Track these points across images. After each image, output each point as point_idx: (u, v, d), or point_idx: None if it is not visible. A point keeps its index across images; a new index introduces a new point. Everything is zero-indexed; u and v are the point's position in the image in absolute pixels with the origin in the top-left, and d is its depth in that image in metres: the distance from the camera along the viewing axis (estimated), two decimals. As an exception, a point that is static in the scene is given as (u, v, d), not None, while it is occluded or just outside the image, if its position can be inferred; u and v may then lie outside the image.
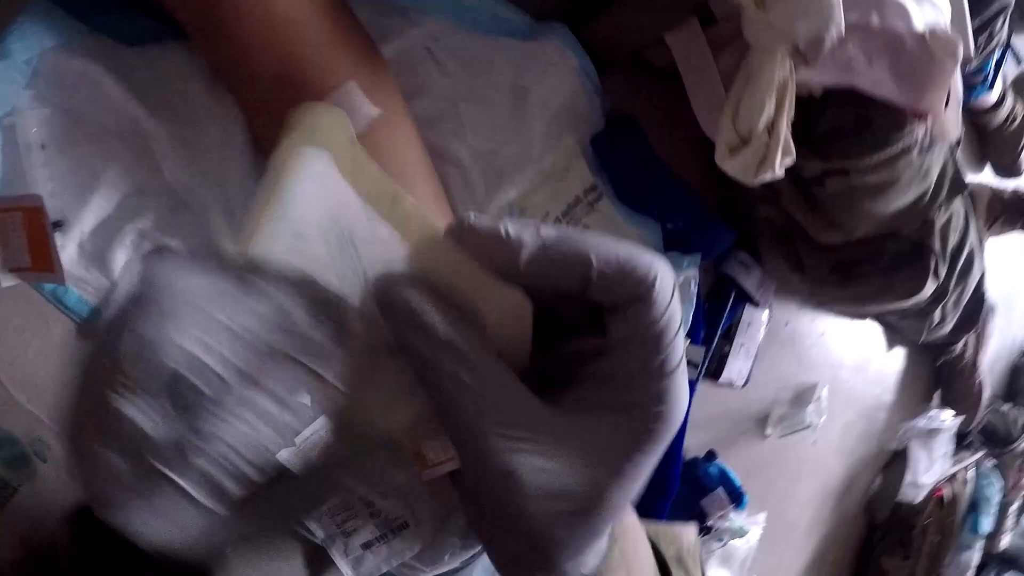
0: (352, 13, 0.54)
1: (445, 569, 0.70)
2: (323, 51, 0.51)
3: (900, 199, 0.75)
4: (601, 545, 0.33)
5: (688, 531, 0.47)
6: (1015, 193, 1.44)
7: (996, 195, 1.42)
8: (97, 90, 0.55)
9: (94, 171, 0.55)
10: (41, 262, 0.54)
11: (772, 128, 0.57)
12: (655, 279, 0.27)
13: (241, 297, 0.25)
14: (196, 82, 0.57)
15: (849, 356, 1.17)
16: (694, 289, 0.76)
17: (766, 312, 0.93)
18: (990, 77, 1.26)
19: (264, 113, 0.54)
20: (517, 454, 0.28)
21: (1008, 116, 1.45)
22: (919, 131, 0.72)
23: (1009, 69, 1.43)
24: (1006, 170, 1.52)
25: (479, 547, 0.70)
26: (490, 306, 0.26)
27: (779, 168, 0.58)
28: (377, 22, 0.58)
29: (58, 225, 0.54)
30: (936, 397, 1.46)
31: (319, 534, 0.63)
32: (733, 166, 0.57)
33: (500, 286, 0.26)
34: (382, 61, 0.56)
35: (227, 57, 0.52)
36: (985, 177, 1.52)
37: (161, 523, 0.25)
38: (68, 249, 0.55)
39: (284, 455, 0.28)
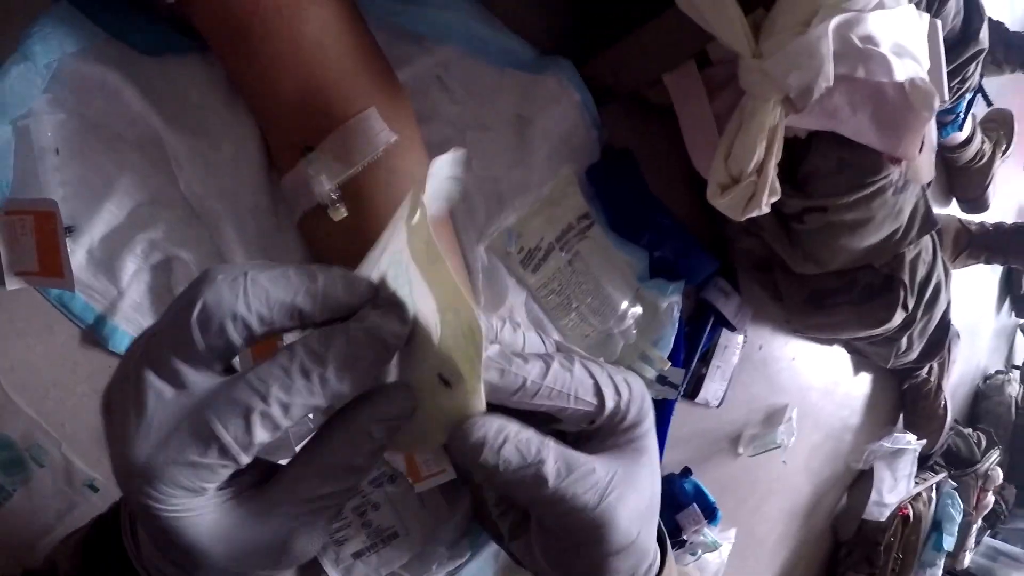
0: (373, 39, 0.57)
1: (432, 579, 0.72)
2: (347, 76, 0.53)
3: (874, 235, 0.79)
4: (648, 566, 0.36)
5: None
6: (980, 227, 1.51)
7: (963, 228, 1.48)
8: (115, 98, 0.55)
9: (107, 178, 0.56)
10: (50, 267, 0.53)
11: (761, 169, 0.60)
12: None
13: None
14: (214, 96, 0.58)
15: (818, 380, 1.22)
16: (676, 314, 0.80)
17: (741, 336, 0.97)
18: (961, 117, 1.32)
19: (283, 131, 0.56)
20: (587, 513, 0.32)
21: (976, 153, 1.51)
22: (894, 173, 0.76)
23: (978, 109, 1.49)
24: (972, 205, 1.59)
25: (466, 557, 0.72)
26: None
27: (765, 206, 0.62)
28: (392, 47, 0.59)
29: (69, 231, 0.54)
30: (900, 420, 1.52)
31: (310, 543, 0.65)
32: (723, 203, 0.60)
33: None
34: (400, 88, 0.58)
35: (251, 74, 0.53)
36: (952, 210, 1.58)
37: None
38: (77, 255, 0.55)
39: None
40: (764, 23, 0.61)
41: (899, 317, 0.90)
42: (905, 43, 0.69)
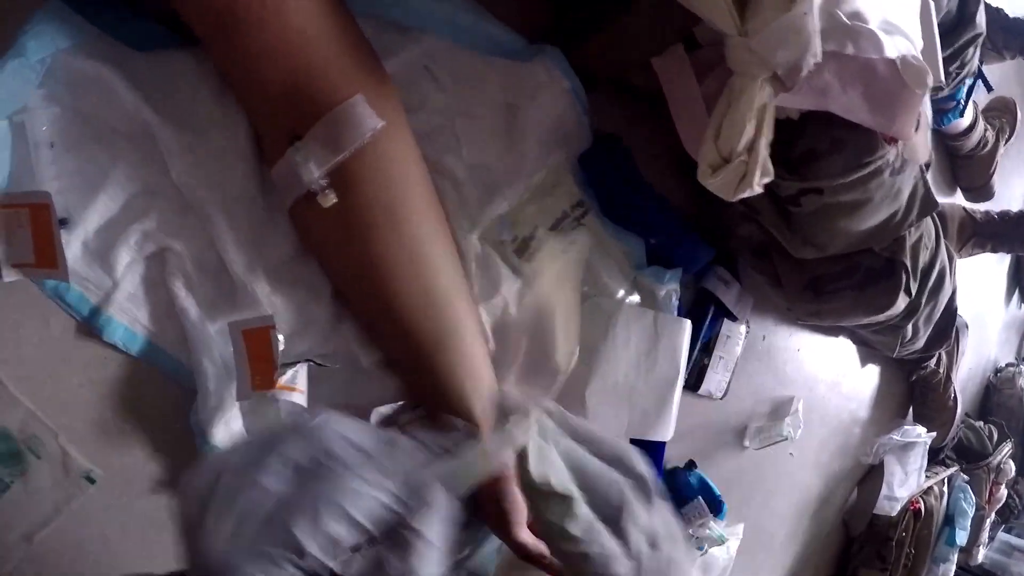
0: (359, 29, 0.57)
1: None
2: (333, 64, 0.54)
3: (873, 218, 0.78)
4: None
5: None
6: (986, 215, 1.49)
7: (968, 216, 1.47)
8: (107, 92, 0.56)
9: (101, 171, 0.57)
10: (45, 259, 0.54)
11: (752, 148, 0.60)
12: None
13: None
14: (204, 89, 0.59)
15: (824, 371, 1.20)
16: (675, 302, 0.79)
17: (744, 326, 0.96)
18: (962, 104, 1.31)
19: (271, 121, 0.56)
20: None
21: (979, 141, 1.50)
22: (890, 153, 0.75)
23: (980, 96, 1.48)
24: (977, 193, 1.58)
25: (466, 551, 0.72)
26: None
27: (757, 186, 0.61)
28: (379, 38, 0.60)
29: (64, 223, 0.55)
30: (910, 413, 1.50)
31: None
32: (714, 183, 0.60)
33: None
34: (386, 75, 0.59)
35: (239, 65, 0.54)
36: (957, 199, 1.57)
37: None
38: (72, 247, 0.56)
39: None
40: (749, 2, 0.61)
41: (902, 303, 0.89)
42: (895, 20, 0.69)
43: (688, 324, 0.76)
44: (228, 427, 0.60)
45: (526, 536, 0.68)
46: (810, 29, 0.59)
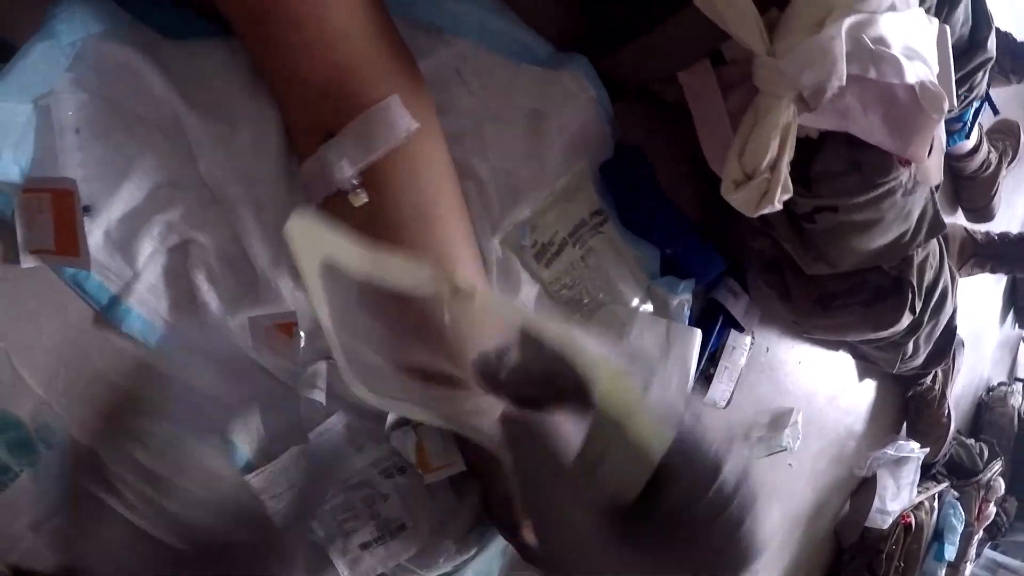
0: (396, 28, 0.58)
1: (438, 572, 0.72)
2: (371, 63, 0.54)
3: (883, 236, 0.80)
4: None
5: None
6: (986, 236, 1.51)
7: (969, 237, 1.49)
8: (137, 79, 0.55)
9: (127, 159, 0.56)
10: (66, 246, 0.54)
11: (774, 166, 0.61)
12: None
13: None
14: (236, 81, 0.59)
15: (824, 384, 1.22)
16: (687, 312, 0.80)
17: (749, 338, 0.97)
18: (968, 125, 1.33)
19: (305, 117, 0.57)
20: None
21: (983, 163, 1.52)
22: (904, 175, 0.77)
23: (985, 119, 1.50)
24: (978, 214, 1.59)
25: (472, 551, 0.72)
26: None
27: (778, 202, 0.62)
28: (412, 40, 0.60)
29: (87, 210, 0.55)
30: (904, 428, 1.52)
31: (319, 533, 0.65)
32: (737, 199, 0.61)
33: None
34: (420, 77, 0.59)
35: (275, 59, 0.54)
36: (958, 219, 1.59)
37: None
38: (94, 235, 0.55)
39: None
40: (779, 23, 0.62)
41: (906, 320, 0.90)
42: (916, 46, 0.70)
43: (699, 334, 0.77)
44: (245, 422, 0.61)
45: (533, 539, 0.69)
46: (837, 52, 0.60)
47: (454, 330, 0.41)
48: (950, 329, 1.10)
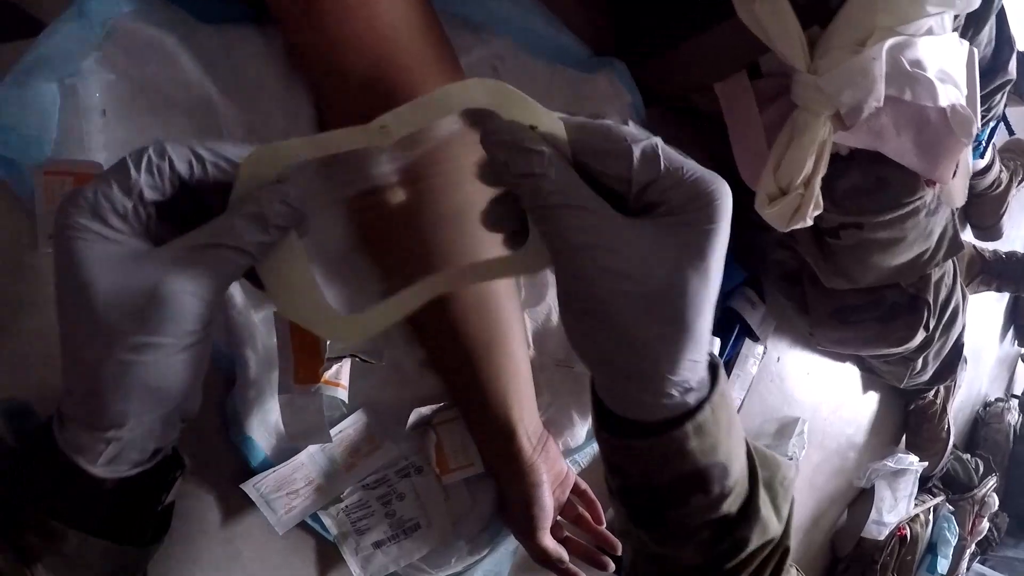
0: (442, 27, 0.57)
1: (449, 572, 0.73)
2: (417, 59, 0.53)
3: (905, 255, 0.81)
4: (696, 365, 0.38)
5: (787, 464, 0.49)
6: (994, 254, 1.52)
7: (977, 254, 1.50)
8: (168, 62, 0.54)
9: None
10: None
11: (808, 182, 0.62)
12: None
13: None
14: (271, 69, 0.57)
15: (829, 396, 1.23)
16: (707, 320, 0.81)
17: (761, 348, 0.98)
18: (983, 144, 1.34)
19: (345, 110, 0.55)
20: (590, 234, 0.36)
21: (993, 181, 1.53)
22: (928, 195, 0.77)
23: (998, 138, 1.51)
24: (986, 232, 1.61)
25: (484, 552, 0.73)
26: None
27: (809, 218, 0.63)
28: (451, 36, 0.59)
29: None
30: (903, 441, 1.53)
31: (332, 530, 0.65)
32: (770, 214, 0.61)
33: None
34: (463, 75, 0.58)
35: (319, 51, 0.52)
36: (966, 237, 1.60)
37: None
38: None
39: None
40: (819, 40, 0.62)
41: (919, 337, 0.91)
42: (948, 70, 0.70)
43: (716, 342, 0.78)
44: (265, 419, 0.60)
45: (548, 542, 0.69)
46: (877, 73, 0.61)
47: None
48: (958, 347, 1.11)
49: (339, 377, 0.61)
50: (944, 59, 0.70)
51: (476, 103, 0.38)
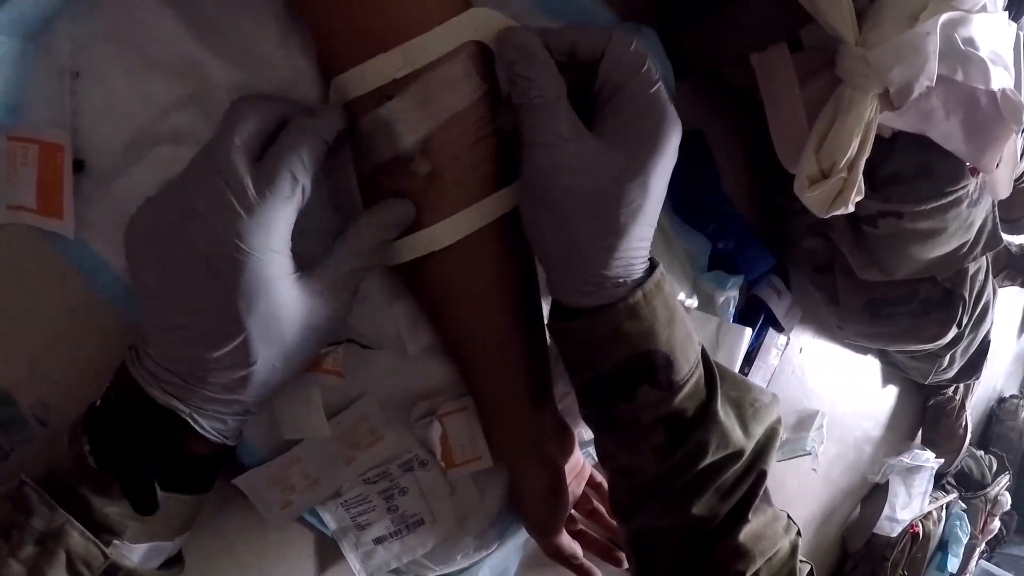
0: None
1: (454, 569, 0.69)
2: (437, 21, 0.47)
3: (944, 247, 0.76)
4: (631, 266, 0.47)
5: (761, 390, 0.57)
6: (1020, 248, 1.47)
7: (1003, 249, 1.45)
8: (150, 19, 0.48)
9: (130, 110, 0.49)
10: (49, 206, 0.48)
11: (852, 165, 0.57)
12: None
13: None
14: (266, 27, 0.51)
15: (849, 389, 1.19)
16: (732, 309, 0.77)
17: (784, 338, 0.94)
18: (1019, 141, 1.28)
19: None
20: (554, 134, 0.45)
21: (1022, 174, 1.47)
22: (971, 185, 0.73)
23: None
24: (1013, 225, 1.55)
25: (493, 548, 0.70)
26: None
27: (851, 204, 0.58)
28: None
29: (80, 166, 0.48)
30: (918, 436, 1.49)
31: (332, 525, 0.62)
32: (811, 198, 0.57)
33: None
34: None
35: (333, 10, 0.47)
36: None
37: None
38: (84, 194, 0.48)
39: None
40: (868, 12, 0.57)
41: (951, 334, 0.87)
42: (1000, 51, 0.65)
43: (748, 332, 0.74)
44: (256, 416, 0.55)
45: (563, 537, 0.66)
46: (930, 50, 0.56)
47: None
48: (984, 344, 1.07)
49: (337, 363, 0.57)
50: (995, 40, 0.65)
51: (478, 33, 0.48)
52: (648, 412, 0.49)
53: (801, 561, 0.57)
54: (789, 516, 0.58)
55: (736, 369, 0.78)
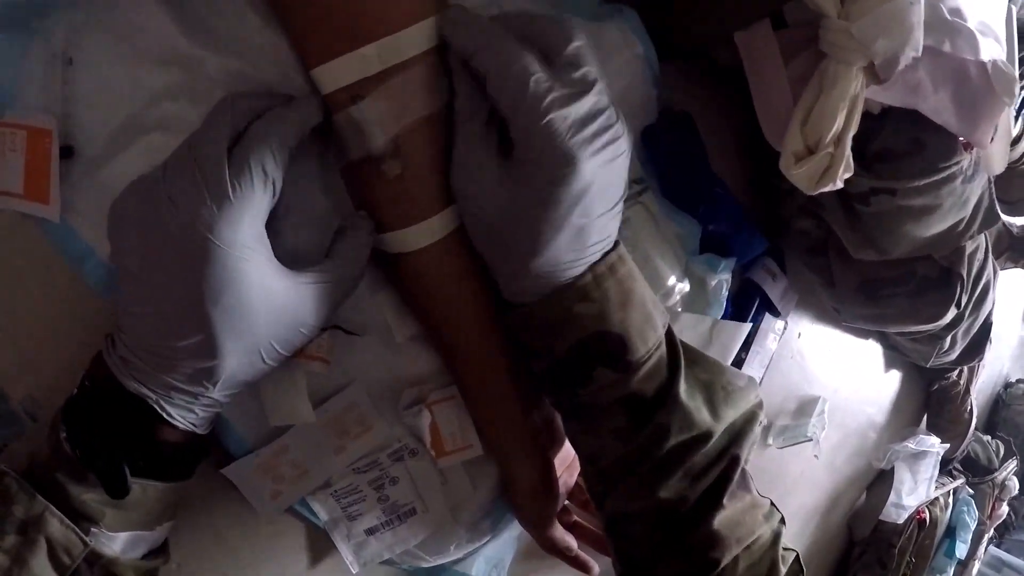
0: None
1: (448, 559, 0.69)
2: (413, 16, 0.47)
3: (939, 224, 0.75)
4: (568, 262, 0.47)
5: (736, 373, 0.55)
6: (1022, 230, 1.46)
7: (1005, 230, 1.43)
8: (141, 8, 0.48)
9: (120, 98, 0.49)
10: (35, 191, 0.47)
11: (839, 140, 0.56)
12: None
13: None
14: (250, 16, 0.50)
15: (851, 374, 1.18)
16: (724, 293, 0.76)
17: (782, 323, 0.93)
18: (1013, 114, 1.27)
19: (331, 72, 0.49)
20: (459, 154, 0.48)
21: (1022, 155, 1.46)
22: (965, 160, 0.72)
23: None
24: (1013, 207, 1.53)
25: (486, 539, 0.69)
26: None
27: (839, 180, 0.58)
28: None
29: (69, 151, 0.48)
30: (923, 421, 1.48)
31: (322, 516, 0.61)
32: (797, 174, 0.56)
33: None
34: None
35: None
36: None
37: None
38: (72, 181, 0.48)
39: None
40: (851, -17, 0.57)
41: (950, 315, 0.86)
42: (989, 22, 0.65)
43: (747, 328, 0.73)
44: (242, 401, 0.54)
45: (556, 529, 0.66)
46: (914, 20, 0.55)
47: None
48: (987, 325, 1.06)
49: (321, 350, 0.56)
50: (984, 10, 0.65)
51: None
52: (606, 394, 0.49)
53: (785, 549, 0.55)
54: (773, 503, 0.56)
55: (728, 362, 0.77)
